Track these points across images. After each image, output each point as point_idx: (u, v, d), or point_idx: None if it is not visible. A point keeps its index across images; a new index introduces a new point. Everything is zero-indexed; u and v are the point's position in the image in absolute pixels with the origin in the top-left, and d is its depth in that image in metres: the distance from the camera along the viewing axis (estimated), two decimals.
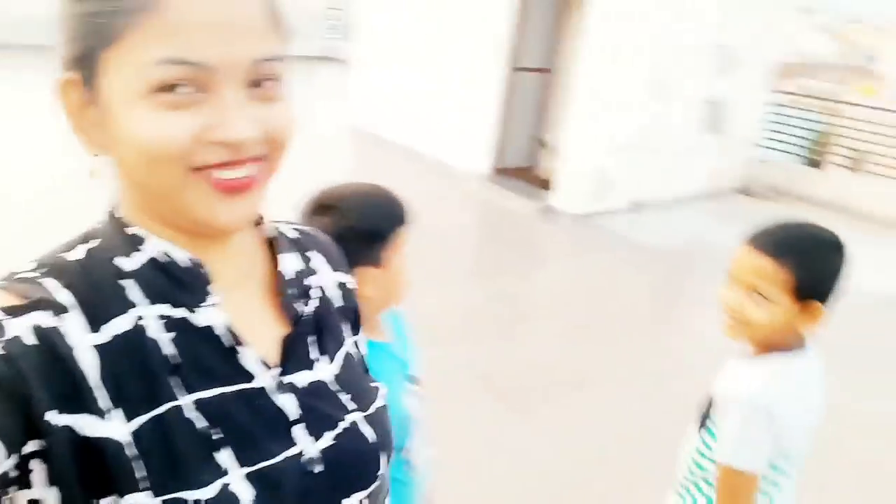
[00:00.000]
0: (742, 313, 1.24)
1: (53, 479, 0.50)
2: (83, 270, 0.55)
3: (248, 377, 0.60)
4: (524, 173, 6.86)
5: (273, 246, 0.68)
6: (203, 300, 0.59)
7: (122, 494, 0.51)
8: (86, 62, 0.53)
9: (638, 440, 2.98)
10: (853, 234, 6.14)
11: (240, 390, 0.59)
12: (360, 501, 0.65)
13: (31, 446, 0.49)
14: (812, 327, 1.24)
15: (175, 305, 0.57)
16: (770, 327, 1.24)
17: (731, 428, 1.23)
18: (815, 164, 7.92)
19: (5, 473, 0.48)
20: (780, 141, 8.29)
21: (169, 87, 0.51)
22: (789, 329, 1.25)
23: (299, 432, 0.61)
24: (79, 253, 0.57)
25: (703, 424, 1.33)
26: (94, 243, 0.58)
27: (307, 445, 0.61)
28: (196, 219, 0.56)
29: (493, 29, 6.50)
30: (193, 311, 0.58)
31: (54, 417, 0.50)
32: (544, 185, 6.38)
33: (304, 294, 0.69)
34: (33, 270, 0.55)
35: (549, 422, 3.08)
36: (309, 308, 0.68)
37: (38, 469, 0.50)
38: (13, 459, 0.48)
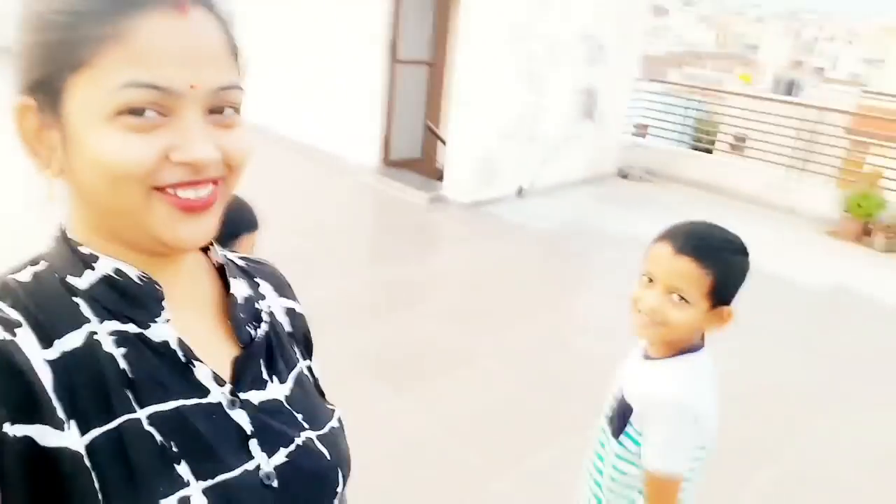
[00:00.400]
0: (662, 314, 1.24)
1: (8, 498, 0.49)
2: (30, 291, 0.56)
3: (204, 392, 0.60)
4: (416, 164, 7.00)
5: (222, 272, 0.70)
6: (157, 316, 0.60)
7: None
8: (46, 87, 0.54)
9: (510, 411, 3.18)
10: (718, 209, 6.72)
11: (196, 404, 0.59)
12: None
13: None
14: (720, 329, 1.28)
15: (128, 322, 0.58)
16: (686, 329, 1.26)
17: (660, 434, 1.24)
18: (702, 149, 8.43)
19: None
20: (665, 129, 8.82)
21: (134, 111, 0.53)
22: (698, 330, 1.29)
23: (255, 447, 0.62)
24: (26, 275, 0.57)
25: (620, 431, 1.32)
26: (42, 265, 0.59)
27: (263, 460, 0.62)
28: (158, 237, 0.58)
29: (371, 22, 6.59)
30: (148, 327, 0.59)
31: (11, 430, 0.49)
32: (439, 175, 6.56)
33: (255, 318, 0.70)
34: None
35: (423, 397, 3.23)
36: (260, 331, 0.69)
37: None
38: None
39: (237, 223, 1.26)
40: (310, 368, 0.77)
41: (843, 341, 4.36)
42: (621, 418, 1.32)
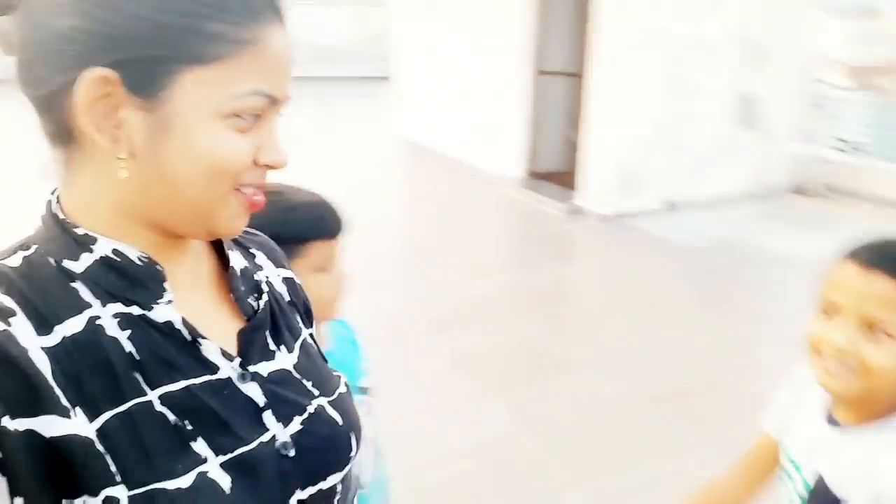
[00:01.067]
0: (857, 355, 0.93)
1: (15, 490, 0.49)
2: (24, 276, 0.55)
3: (213, 369, 0.60)
4: (558, 177, 6.86)
5: (218, 246, 0.70)
6: (159, 297, 0.59)
7: (93, 493, 0.51)
8: (148, 67, 0.53)
9: (604, 425, 2.96)
10: None
11: (206, 381, 0.59)
12: (336, 484, 0.67)
13: None
14: None
15: (129, 304, 0.57)
16: (892, 376, 0.94)
17: None
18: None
19: None
20: (842, 139, 7.77)
21: (246, 116, 0.56)
22: None
23: (270, 418, 0.62)
24: (16, 260, 0.56)
25: None
26: (33, 249, 0.57)
27: (278, 431, 0.62)
28: (221, 229, 0.61)
29: (516, 35, 6.62)
30: (150, 309, 0.58)
31: (11, 424, 0.49)
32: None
33: (255, 289, 0.70)
34: None
35: (516, 400, 3.12)
36: (262, 302, 0.69)
37: None
38: None
39: (309, 226, 1.07)
40: (311, 336, 0.76)
41: None
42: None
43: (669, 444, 2.78)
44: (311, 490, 0.63)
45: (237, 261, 0.69)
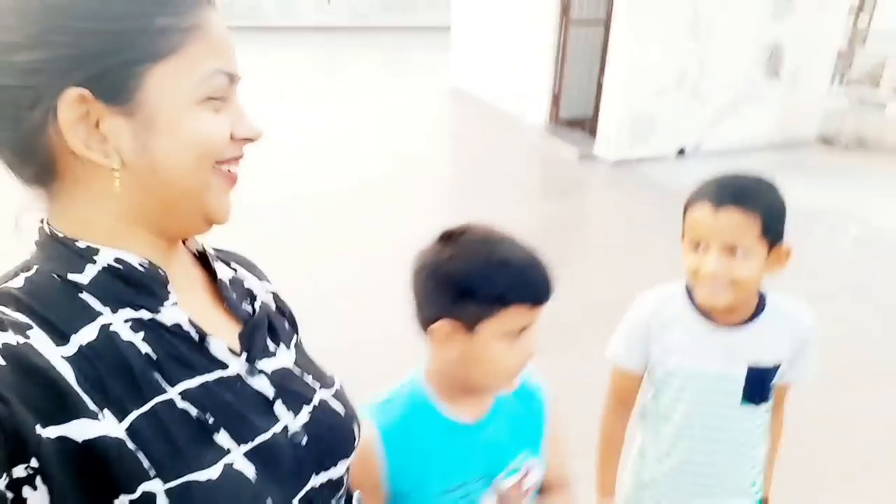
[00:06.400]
0: (729, 275, 1.17)
1: (56, 499, 0.50)
2: (29, 294, 0.55)
3: (223, 365, 0.63)
4: (587, 123, 7.13)
5: (203, 259, 0.72)
6: (165, 300, 0.61)
7: (130, 490, 0.53)
8: (114, 77, 0.54)
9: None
10: None
11: (219, 378, 0.62)
12: (344, 474, 0.71)
13: (21, 471, 0.48)
14: (782, 268, 1.22)
15: (137, 308, 0.59)
16: (756, 281, 1.21)
17: (813, 351, 1.32)
18: None
19: (1, 494, 0.47)
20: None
21: (218, 98, 0.60)
22: (763, 278, 1.23)
23: (280, 409, 0.65)
24: (19, 281, 0.57)
25: (764, 396, 1.31)
26: (34, 270, 0.58)
27: (289, 421, 0.65)
28: (213, 212, 0.63)
29: None
30: (158, 312, 0.60)
31: (45, 432, 0.49)
32: None
33: (247, 294, 0.73)
34: None
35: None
36: (256, 305, 0.72)
37: (34, 495, 0.49)
38: (4, 479, 0.47)
39: (511, 287, 0.90)
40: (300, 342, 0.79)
41: None
42: (760, 384, 1.29)
43: (598, 339, 3.29)
44: (324, 477, 0.68)
45: (223, 272, 0.72)
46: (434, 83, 9.98)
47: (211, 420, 0.59)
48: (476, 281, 0.89)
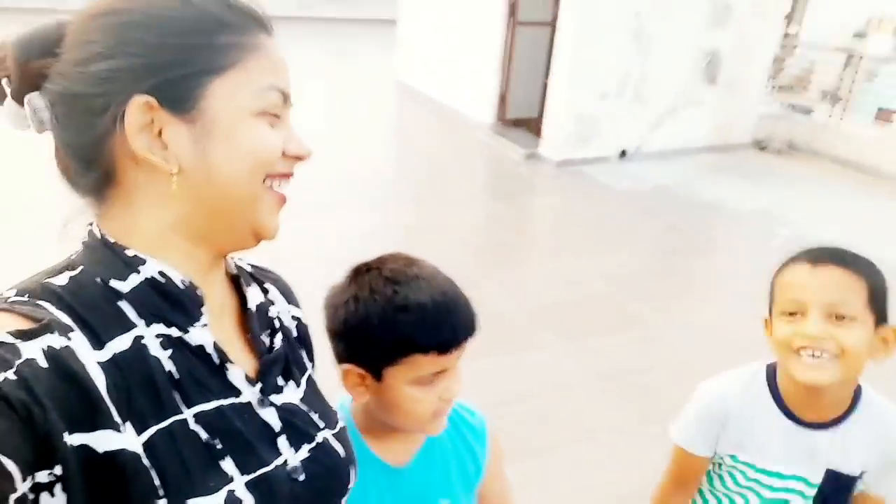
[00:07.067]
0: (834, 339, 1.00)
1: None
2: (71, 294, 0.57)
3: (237, 392, 0.64)
4: (533, 123, 7.20)
5: (236, 281, 0.73)
6: (196, 320, 0.62)
7: None
8: (180, 86, 0.59)
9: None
10: (859, 189, 6.09)
11: (231, 404, 0.63)
12: None
13: (44, 476, 0.48)
14: (887, 356, 1.05)
15: (169, 325, 0.60)
16: (862, 356, 1.02)
17: None
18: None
19: (23, 496, 0.47)
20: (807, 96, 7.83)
21: (273, 114, 0.63)
22: (864, 366, 1.04)
23: (283, 443, 0.67)
24: (63, 279, 0.58)
25: None
26: (80, 270, 0.59)
27: (290, 456, 0.66)
28: (262, 226, 0.65)
29: None
30: (187, 331, 0.61)
31: (70, 439, 0.50)
32: None
33: (268, 325, 0.73)
34: (19, 295, 0.56)
35: None
36: (277, 339, 0.73)
37: (51, 502, 0.49)
38: (29, 482, 0.47)
39: (411, 335, 0.86)
40: (312, 374, 0.80)
41: None
42: (836, 492, 1.13)
43: (545, 341, 3.30)
44: None
45: (254, 297, 0.73)
46: (379, 77, 9.88)
47: (219, 446, 0.60)
48: (374, 328, 0.84)
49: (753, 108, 7.19)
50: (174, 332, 0.61)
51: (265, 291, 0.76)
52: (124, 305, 0.59)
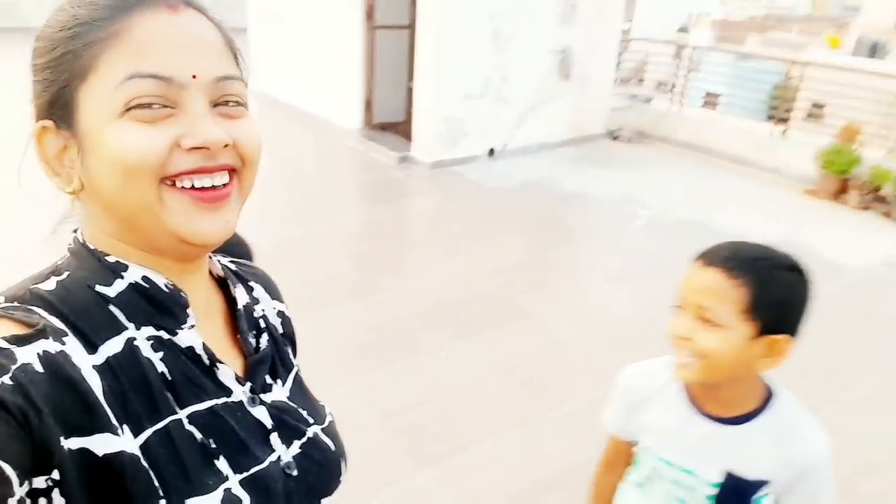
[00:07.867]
0: (693, 341, 1.03)
1: None
2: (60, 299, 0.56)
3: (228, 392, 0.64)
4: (399, 127, 7.25)
5: (222, 281, 0.72)
6: (184, 323, 0.62)
7: None
8: (60, 103, 0.56)
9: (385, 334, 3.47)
10: (702, 168, 6.55)
11: (224, 403, 0.63)
12: None
13: (41, 482, 0.48)
14: (774, 365, 1.04)
15: (157, 328, 0.60)
16: (724, 362, 1.02)
17: (829, 492, 1.09)
18: (778, 118, 7.49)
19: (21, 501, 0.46)
20: (739, 96, 8.42)
21: (142, 105, 0.54)
22: (743, 366, 1.04)
23: (276, 440, 0.67)
24: (50, 284, 0.57)
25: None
26: (66, 275, 0.59)
27: (282, 452, 0.66)
28: (176, 232, 0.58)
29: None
30: (175, 334, 0.61)
31: (68, 444, 0.49)
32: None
33: (255, 326, 0.73)
34: (8, 301, 0.55)
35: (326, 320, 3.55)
36: (262, 341, 0.73)
37: None
38: (26, 487, 0.47)
39: None
40: (298, 369, 0.80)
41: None
42: (736, 497, 1.11)
43: (440, 342, 3.32)
44: None
45: (241, 298, 0.72)
46: None
47: (213, 445, 0.60)
48: None
49: (604, 101, 7.71)
50: (163, 334, 0.60)
51: (250, 290, 0.76)
52: (114, 310, 0.58)
